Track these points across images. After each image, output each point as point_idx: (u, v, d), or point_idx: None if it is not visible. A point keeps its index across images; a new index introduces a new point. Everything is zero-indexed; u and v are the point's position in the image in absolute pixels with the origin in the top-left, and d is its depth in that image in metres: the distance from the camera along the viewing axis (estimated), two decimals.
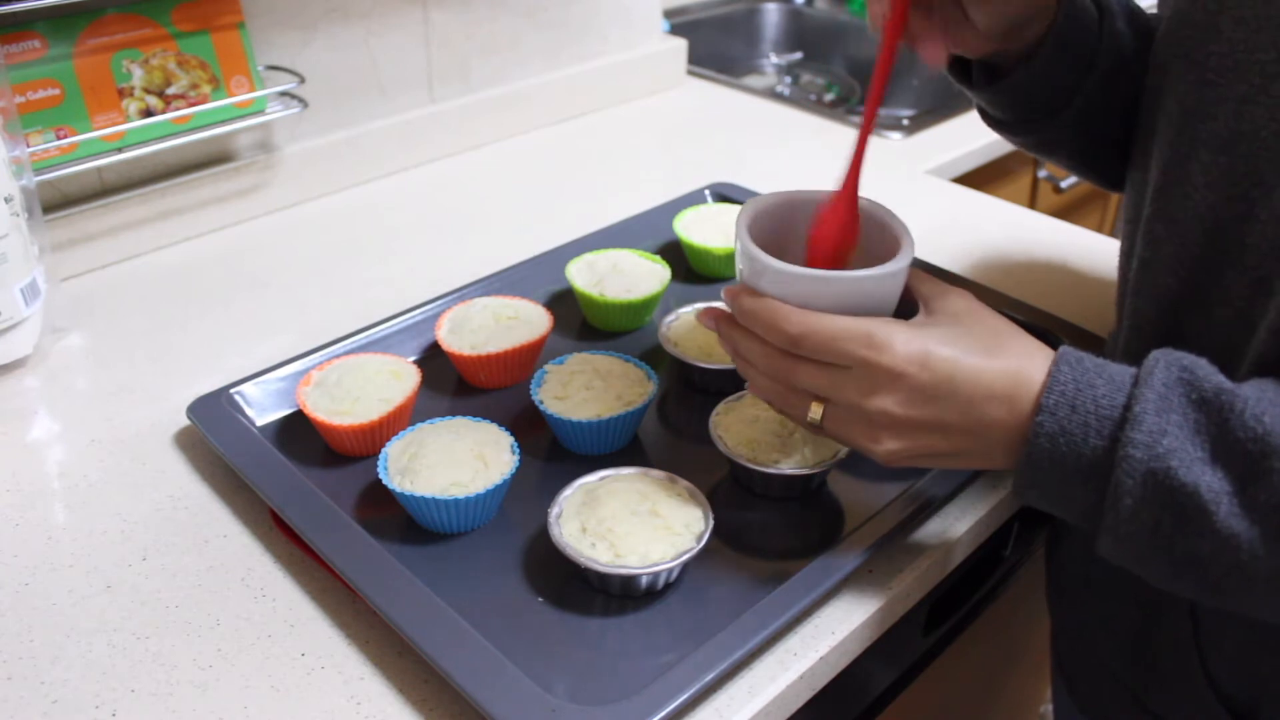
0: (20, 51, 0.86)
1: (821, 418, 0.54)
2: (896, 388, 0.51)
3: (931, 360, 0.51)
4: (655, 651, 0.57)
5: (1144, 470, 0.46)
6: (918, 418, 0.51)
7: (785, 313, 0.53)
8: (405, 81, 1.13)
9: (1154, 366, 0.48)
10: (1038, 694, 1.20)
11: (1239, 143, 0.51)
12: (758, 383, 0.57)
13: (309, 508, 0.63)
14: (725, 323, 0.58)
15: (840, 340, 0.51)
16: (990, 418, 0.50)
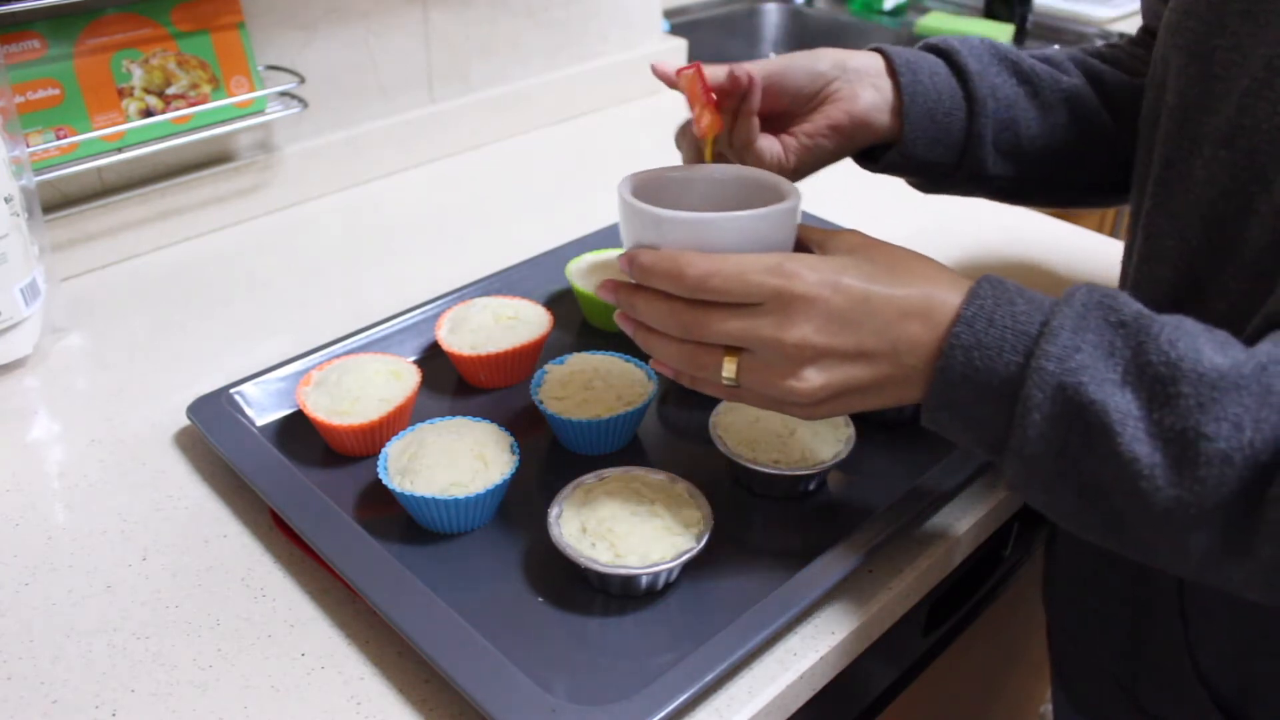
0: (20, 51, 0.86)
1: (737, 371, 0.53)
2: (812, 313, 0.50)
3: (843, 284, 0.50)
4: (655, 651, 0.57)
5: (1055, 384, 0.45)
6: (838, 345, 0.50)
7: (688, 257, 0.51)
8: (405, 81, 1.13)
9: (1075, 290, 0.48)
10: (1038, 694, 1.20)
11: (1240, 136, 0.51)
12: (664, 350, 0.55)
13: (309, 508, 0.63)
14: (624, 290, 0.55)
15: (749, 273, 0.50)
16: (908, 336, 0.50)
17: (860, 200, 1.07)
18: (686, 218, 0.53)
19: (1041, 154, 0.72)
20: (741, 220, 0.53)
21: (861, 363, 0.51)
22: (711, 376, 0.54)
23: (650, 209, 0.54)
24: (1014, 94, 0.71)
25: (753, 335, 0.51)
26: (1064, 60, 0.73)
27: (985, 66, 0.70)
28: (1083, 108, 0.71)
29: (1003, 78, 0.71)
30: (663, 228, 0.53)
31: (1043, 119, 0.71)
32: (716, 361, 0.53)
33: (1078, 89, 0.71)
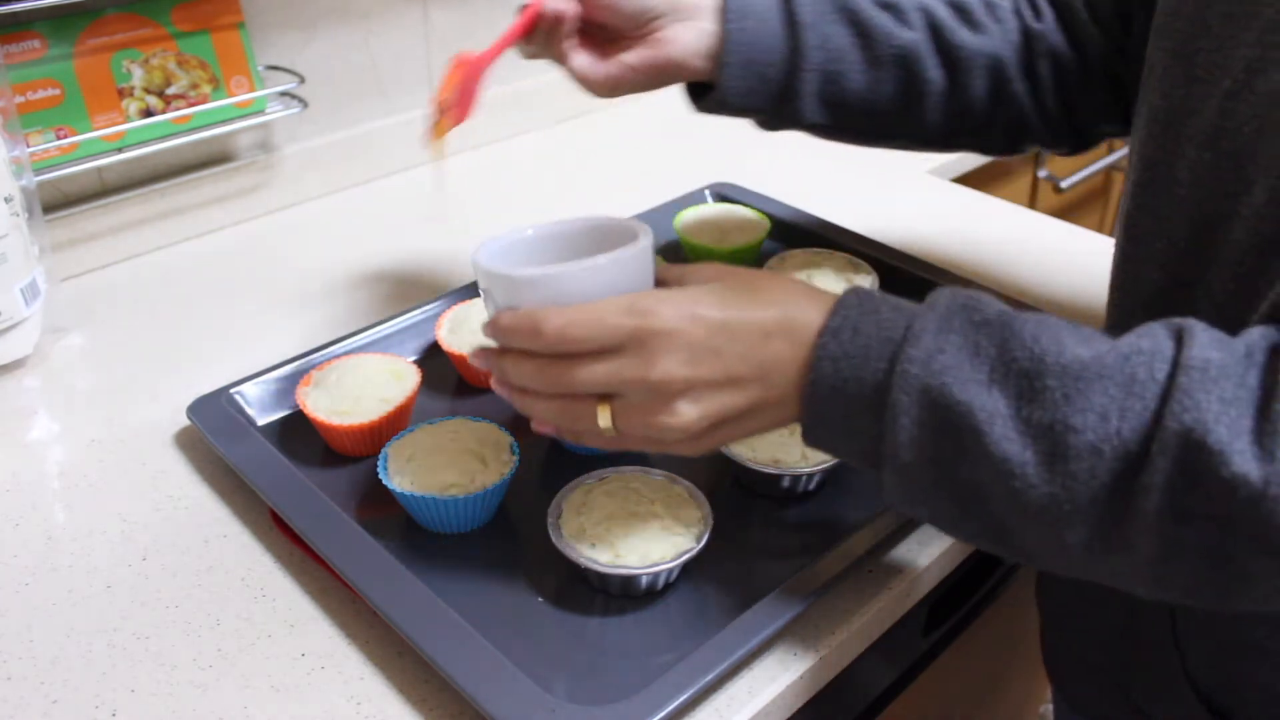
0: (20, 51, 0.86)
1: (612, 417, 0.52)
2: (673, 347, 0.49)
3: (700, 313, 0.50)
4: (655, 651, 0.57)
5: (919, 387, 0.45)
6: (705, 375, 0.50)
7: (544, 312, 0.51)
8: (405, 81, 1.13)
9: (939, 294, 0.48)
10: (1038, 694, 1.20)
11: (1222, 138, 0.51)
12: (539, 408, 0.54)
13: (309, 508, 0.63)
14: (492, 355, 0.55)
15: (605, 317, 0.50)
16: (774, 355, 0.49)
17: (858, 201, 1.07)
18: (538, 274, 0.52)
19: (863, 107, 0.74)
20: (594, 268, 0.52)
21: (732, 389, 0.50)
22: (590, 427, 0.53)
23: (503, 271, 0.53)
24: (845, 45, 0.71)
25: (618, 378, 0.50)
26: (910, 9, 0.73)
27: (821, 15, 0.71)
28: (914, 65, 0.72)
29: (836, 27, 0.71)
30: (519, 288, 0.53)
31: (870, 73, 0.72)
32: (591, 411, 0.52)
33: (914, 45, 0.72)
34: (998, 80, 0.74)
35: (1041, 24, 0.74)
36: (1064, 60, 0.74)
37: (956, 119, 0.75)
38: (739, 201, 1.00)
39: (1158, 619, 0.59)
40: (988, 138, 0.78)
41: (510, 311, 0.52)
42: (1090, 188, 1.76)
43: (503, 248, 0.58)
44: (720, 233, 0.93)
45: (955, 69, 0.73)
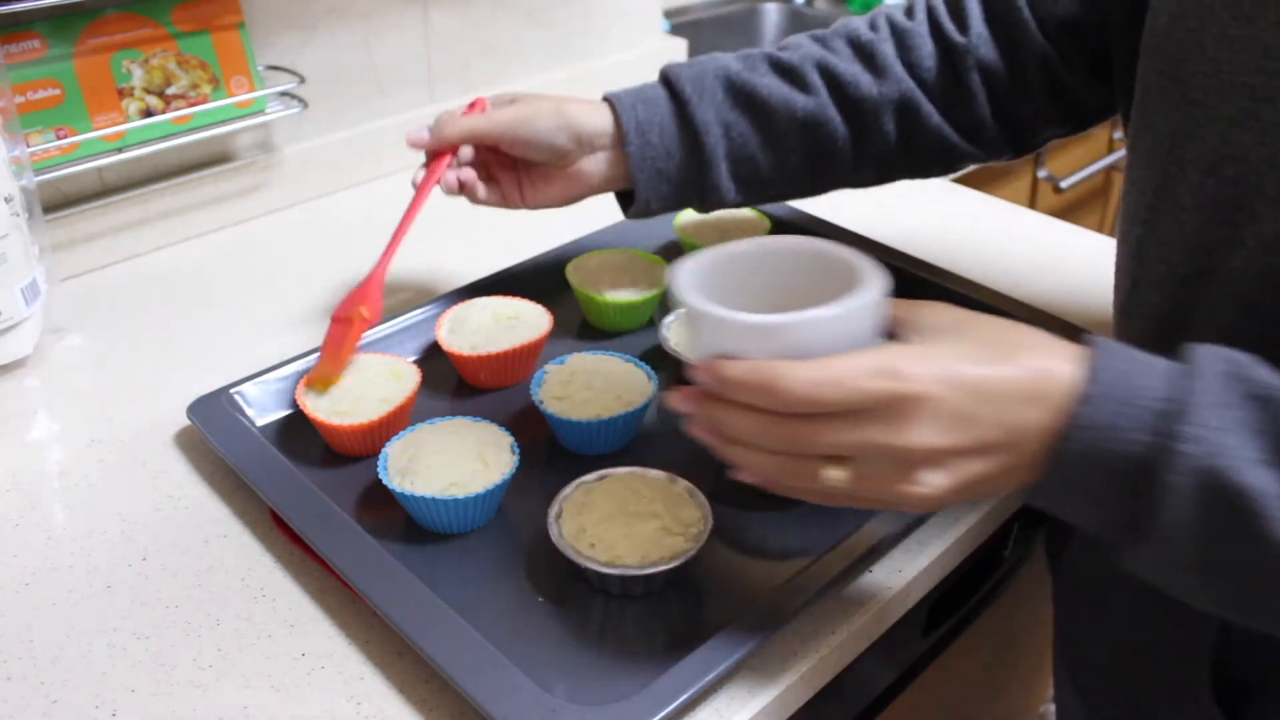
0: (20, 51, 0.86)
1: (845, 481, 0.47)
2: (929, 414, 0.45)
3: (957, 376, 0.45)
4: (655, 651, 0.57)
5: (1199, 468, 0.42)
6: (958, 443, 0.46)
7: (785, 370, 0.46)
8: (405, 81, 1.13)
9: (1204, 359, 0.45)
10: (1038, 694, 1.20)
11: (1225, 165, 0.51)
12: (754, 461, 0.49)
13: (309, 508, 0.63)
14: (704, 403, 0.50)
15: (856, 379, 0.45)
16: (1027, 423, 0.45)
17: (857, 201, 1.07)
18: (775, 323, 0.47)
19: (779, 176, 0.76)
20: (836, 317, 0.47)
21: (980, 456, 0.46)
22: (815, 487, 0.48)
23: (731, 316, 0.48)
24: (745, 130, 0.74)
25: (863, 443, 0.46)
26: (808, 69, 0.74)
27: (719, 108, 0.74)
28: (819, 129, 0.74)
29: (733, 114, 0.74)
30: (747, 335, 0.47)
31: (777, 150, 0.75)
32: (816, 472, 0.48)
33: (812, 112, 0.74)
34: (909, 116, 0.75)
35: (967, 37, 0.74)
36: (995, 70, 0.74)
37: (875, 162, 0.77)
38: None
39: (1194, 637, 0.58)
40: (914, 168, 0.79)
41: (738, 362, 0.47)
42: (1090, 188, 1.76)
43: (700, 273, 0.52)
44: (720, 233, 0.93)
45: (860, 121, 0.74)
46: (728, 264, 0.54)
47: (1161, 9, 0.56)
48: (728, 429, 0.49)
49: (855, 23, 0.77)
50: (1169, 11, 0.55)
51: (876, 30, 0.76)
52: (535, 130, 0.74)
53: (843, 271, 0.51)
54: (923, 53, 0.74)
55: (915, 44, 0.75)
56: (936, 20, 0.75)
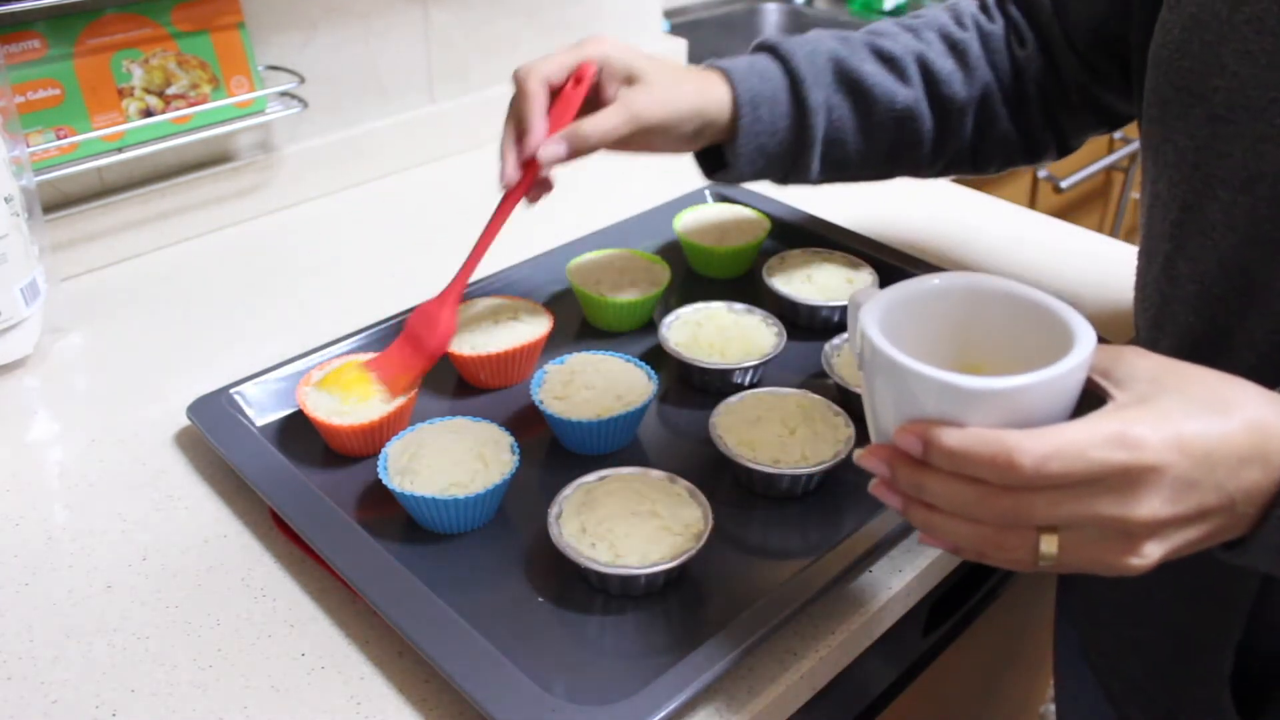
0: (20, 51, 0.86)
1: (1058, 551, 0.44)
2: (1160, 485, 0.42)
3: (1186, 441, 0.42)
4: (655, 651, 0.57)
5: None
6: (1182, 512, 0.43)
7: (1015, 442, 0.42)
8: (405, 81, 1.13)
9: None
10: (1038, 694, 1.20)
11: (1258, 183, 0.50)
12: (955, 531, 0.45)
13: (309, 508, 0.63)
14: (907, 467, 0.46)
15: (1090, 450, 0.41)
16: (1246, 485, 0.43)
17: (858, 200, 1.07)
18: (1000, 389, 0.43)
19: (862, 164, 0.78)
20: (1059, 378, 0.44)
21: (1198, 523, 0.44)
22: (1017, 557, 0.45)
23: (948, 379, 0.43)
24: (846, 114, 0.75)
25: (1089, 516, 0.43)
26: (908, 61, 0.75)
27: (827, 91, 0.73)
28: (910, 123, 0.75)
29: (838, 98, 0.74)
30: (964, 400, 0.43)
31: (870, 138, 0.76)
32: (1027, 543, 0.44)
33: (909, 105, 0.75)
34: (986, 121, 0.77)
35: (1025, 51, 0.76)
36: (1047, 83, 0.76)
37: (947, 157, 0.79)
38: (739, 201, 1.00)
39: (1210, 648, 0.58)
40: (977, 165, 0.81)
41: (961, 432, 0.43)
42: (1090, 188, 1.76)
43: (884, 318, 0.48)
44: (720, 233, 0.93)
45: (947, 119, 0.76)
46: (909, 303, 0.50)
47: (1173, 22, 0.55)
48: (935, 498, 0.45)
49: (944, 16, 0.78)
50: (1181, 24, 0.54)
51: (965, 28, 0.77)
52: (672, 127, 0.70)
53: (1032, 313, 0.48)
54: (1002, 56, 0.76)
55: (996, 47, 0.76)
56: (1006, 33, 0.77)
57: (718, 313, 0.82)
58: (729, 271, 0.93)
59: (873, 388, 0.48)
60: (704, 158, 0.78)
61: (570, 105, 0.69)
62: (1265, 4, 0.49)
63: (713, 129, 0.72)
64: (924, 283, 0.50)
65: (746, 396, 0.72)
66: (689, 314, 0.82)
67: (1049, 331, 0.46)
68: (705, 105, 0.70)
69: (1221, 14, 0.51)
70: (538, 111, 0.68)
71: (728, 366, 0.76)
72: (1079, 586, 0.72)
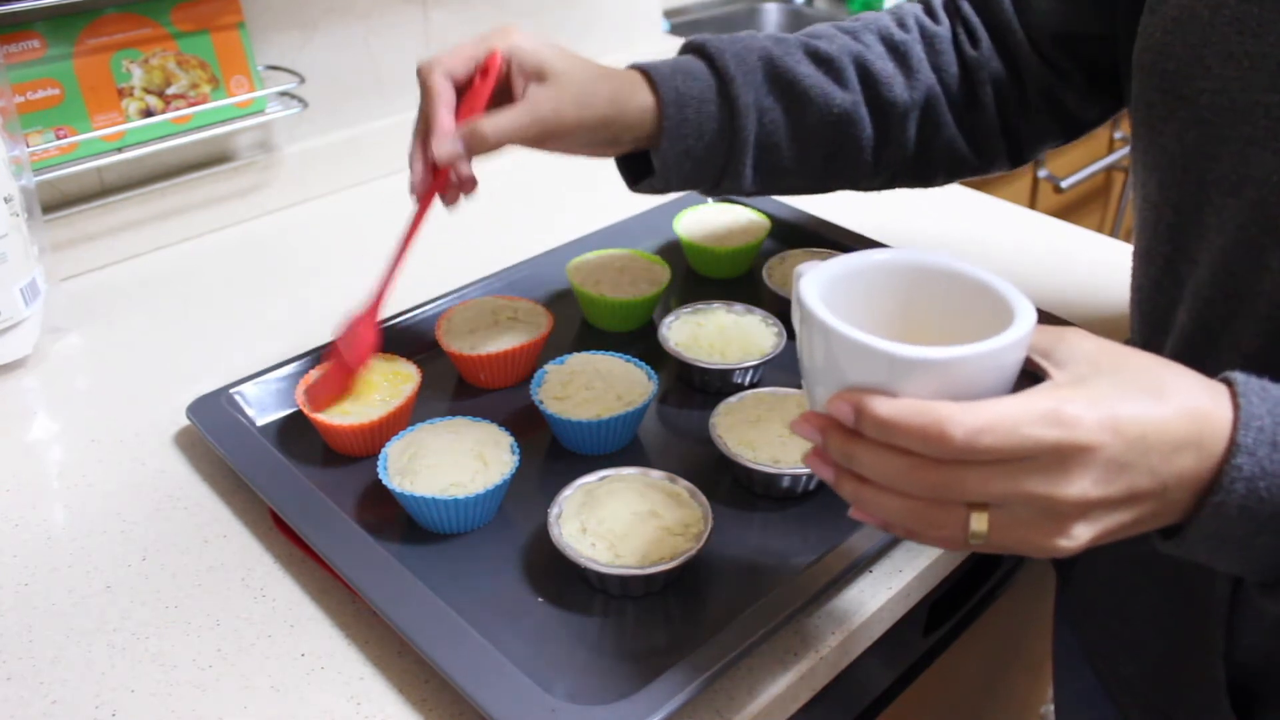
0: (20, 51, 0.86)
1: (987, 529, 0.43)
2: (1092, 465, 0.42)
3: (1121, 422, 0.42)
4: (655, 651, 0.57)
5: None
6: (1112, 494, 0.43)
7: (947, 413, 0.41)
8: (405, 81, 1.13)
9: None
10: (1038, 694, 1.20)
11: (1247, 187, 0.50)
12: (885, 505, 0.45)
13: (309, 508, 0.63)
14: (838, 437, 0.45)
15: (1024, 426, 0.41)
16: (1179, 470, 0.43)
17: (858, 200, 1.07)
18: (936, 359, 0.42)
19: (798, 172, 0.72)
20: (996, 352, 0.43)
21: (1128, 506, 0.44)
22: (947, 534, 0.44)
23: (883, 347, 0.43)
24: (780, 119, 0.70)
25: (1019, 493, 0.42)
26: (846, 63, 0.71)
27: (758, 92, 0.69)
28: (849, 130, 0.71)
29: (771, 100, 0.69)
30: (899, 370, 0.43)
31: (805, 144, 0.71)
32: (957, 520, 0.44)
33: (846, 109, 0.70)
34: (930, 126, 0.73)
35: (978, 51, 0.73)
36: (1003, 86, 0.73)
37: (889, 166, 0.74)
38: (739, 201, 1.00)
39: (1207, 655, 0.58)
40: (922, 176, 0.77)
41: (895, 402, 0.43)
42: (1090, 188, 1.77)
43: (826, 285, 0.48)
44: (720, 233, 0.93)
45: (888, 124, 0.72)
46: (851, 277, 0.49)
47: (1155, 25, 0.54)
48: (865, 469, 0.45)
49: (884, 18, 0.74)
50: (1164, 27, 0.53)
51: (907, 30, 0.73)
52: (583, 130, 0.66)
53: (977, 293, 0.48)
54: (948, 59, 0.72)
55: (942, 49, 0.72)
56: (955, 30, 0.73)
57: (718, 313, 0.82)
58: (729, 271, 0.93)
59: (809, 356, 0.47)
60: (628, 165, 0.73)
61: (478, 99, 0.65)
62: (1246, 6, 0.49)
63: (633, 134, 0.67)
64: (868, 257, 0.50)
65: (746, 396, 0.72)
66: (689, 314, 0.82)
67: (991, 310, 0.46)
68: (624, 109, 0.66)
69: (1203, 16, 0.51)
70: (442, 108, 0.64)
71: (728, 366, 0.76)
72: (1076, 586, 0.72)
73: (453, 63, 0.65)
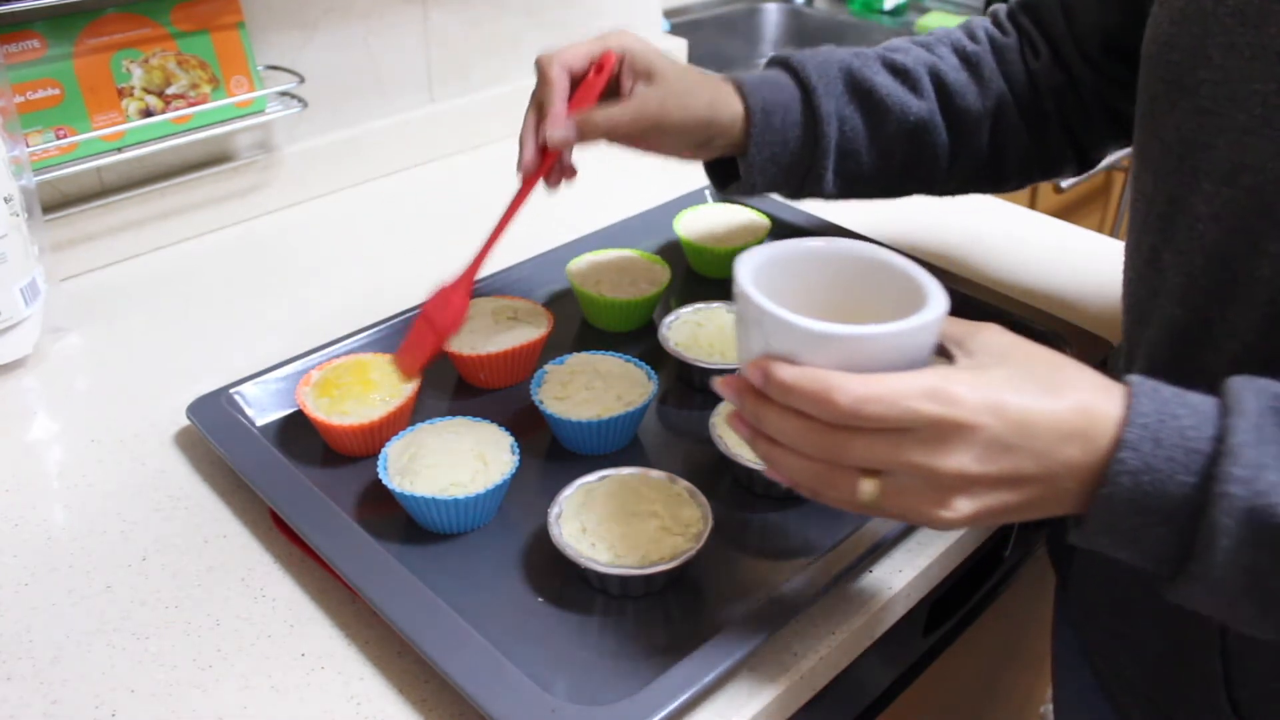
0: (20, 51, 0.86)
1: (876, 494, 0.47)
2: (971, 442, 0.45)
3: (1004, 407, 0.45)
4: (655, 651, 0.57)
5: (1244, 509, 0.42)
6: (994, 473, 0.46)
7: (837, 380, 0.45)
8: (405, 81, 1.13)
9: (1241, 394, 0.45)
10: (1038, 694, 1.20)
11: (1242, 174, 0.50)
12: (789, 464, 0.49)
13: (309, 508, 0.63)
14: (750, 399, 0.50)
15: (905, 399, 0.45)
16: (1065, 460, 0.46)
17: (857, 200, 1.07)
18: (836, 333, 0.47)
19: (876, 177, 0.77)
20: (895, 335, 0.47)
21: (1013, 488, 0.47)
22: (844, 497, 0.49)
23: (789, 318, 0.47)
24: (859, 127, 0.74)
25: (902, 462, 0.46)
26: (921, 74, 0.75)
27: (839, 102, 0.73)
28: (923, 135, 0.75)
29: (851, 109, 0.74)
30: (805, 340, 0.47)
31: (882, 150, 0.75)
32: (851, 483, 0.48)
33: (923, 117, 0.74)
34: (1002, 133, 0.76)
35: (1039, 62, 0.76)
36: (1064, 94, 0.76)
37: (962, 173, 0.78)
38: (739, 201, 1.00)
39: (1206, 654, 0.58)
40: (993, 181, 0.80)
41: (790, 367, 0.47)
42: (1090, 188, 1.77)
43: (759, 268, 0.52)
44: (720, 233, 0.93)
45: (962, 132, 0.76)
46: (788, 261, 0.54)
47: (1163, 16, 0.55)
48: (770, 429, 0.49)
49: (957, 32, 0.78)
50: (1170, 19, 0.54)
51: (978, 42, 0.77)
52: (682, 131, 0.70)
53: (903, 283, 0.51)
54: (1016, 69, 0.76)
55: (1011, 59, 0.76)
56: (1020, 41, 0.77)
57: (718, 313, 0.82)
58: (729, 272, 0.92)
59: (738, 327, 0.52)
60: (716, 172, 0.79)
61: (591, 92, 0.70)
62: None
63: (724, 139, 0.72)
64: (802, 244, 0.55)
65: None
66: (689, 314, 0.82)
67: (911, 300, 0.49)
68: (718, 114, 0.71)
69: (1207, 7, 0.52)
70: (558, 97, 0.69)
71: (728, 366, 0.76)
72: (1076, 586, 0.72)
73: (571, 56, 0.70)
